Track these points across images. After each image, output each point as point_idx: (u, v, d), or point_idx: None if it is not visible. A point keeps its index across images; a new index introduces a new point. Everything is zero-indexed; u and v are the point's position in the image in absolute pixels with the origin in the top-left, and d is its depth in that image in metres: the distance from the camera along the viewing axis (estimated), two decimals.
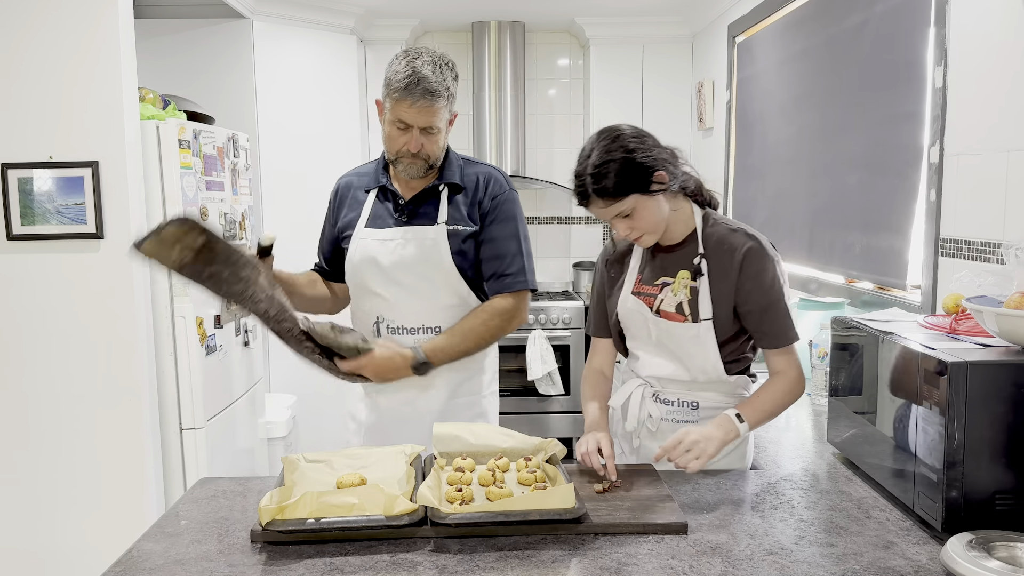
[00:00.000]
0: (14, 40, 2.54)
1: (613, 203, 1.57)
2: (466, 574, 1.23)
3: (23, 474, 2.68)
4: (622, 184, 1.54)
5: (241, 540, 1.36)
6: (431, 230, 1.90)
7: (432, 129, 1.83)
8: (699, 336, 1.63)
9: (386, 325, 1.93)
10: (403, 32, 4.55)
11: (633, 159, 1.55)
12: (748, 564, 1.27)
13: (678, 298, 1.65)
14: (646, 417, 1.72)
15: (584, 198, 1.59)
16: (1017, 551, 1.22)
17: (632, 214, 1.58)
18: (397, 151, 1.86)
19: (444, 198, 1.92)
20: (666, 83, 4.54)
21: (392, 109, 1.81)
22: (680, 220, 1.67)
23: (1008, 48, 1.88)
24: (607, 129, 1.61)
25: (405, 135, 1.83)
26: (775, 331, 1.62)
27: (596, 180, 1.55)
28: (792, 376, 1.65)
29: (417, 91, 1.77)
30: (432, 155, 1.87)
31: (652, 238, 1.65)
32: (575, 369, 4.50)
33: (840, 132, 2.80)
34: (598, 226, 5.07)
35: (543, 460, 1.60)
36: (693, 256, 1.65)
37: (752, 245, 1.61)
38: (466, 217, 1.92)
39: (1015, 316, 1.35)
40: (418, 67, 1.78)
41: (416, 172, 1.89)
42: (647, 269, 1.73)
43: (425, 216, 1.92)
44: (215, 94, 3.75)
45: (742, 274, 1.60)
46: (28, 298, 2.62)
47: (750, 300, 1.61)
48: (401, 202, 1.93)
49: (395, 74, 1.79)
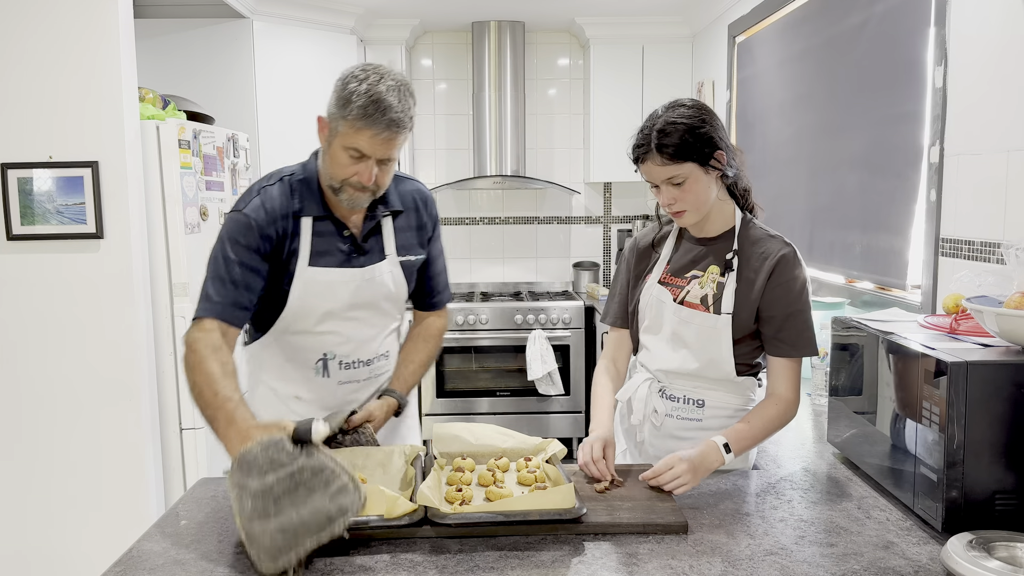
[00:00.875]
0: (14, 40, 2.54)
1: (671, 164, 1.57)
2: (466, 574, 1.23)
3: (23, 474, 2.68)
4: (685, 148, 1.56)
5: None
6: (385, 265, 1.76)
7: (389, 160, 1.63)
8: (716, 328, 1.63)
9: (337, 361, 1.77)
10: (403, 32, 4.55)
11: (703, 129, 1.57)
12: (748, 564, 1.27)
13: (704, 291, 1.66)
14: (651, 412, 1.72)
15: (644, 153, 1.59)
16: (1017, 551, 1.22)
17: (683, 184, 1.59)
18: (344, 179, 1.62)
19: (390, 226, 1.78)
20: (666, 83, 4.54)
21: (346, 134, 1.58)
22: (722, 215, 1.68)
23: (1008, 48, 1.88)
24: (683, 99, 1.63)
25: (357, 164, 1.60)
26: (793, 339, 1.62)
27: (661, 136, 1.56)
28: (788, 399, 1.62)
29: (382, 121, 1.55)
30: (382, 186, 1.67)
31: (693, 217, 1.64)
32: (575, 369, 4.50)
33: (840, 132, 2.80)
34: (598, 226, 5.07)
35: (543, 460, 1.59)
36: (726, 252, 1.66)
37: (787, 252, 1.62)
38: (414, 244, 1.83)
39: (1015, 316, 1.35)
40: (382, 93, 1.55)
41: (362, 203, 1.68)
42: (677, 261, 1.74)
43: (374, 248, 1.76)
44: (215, 94, 3.75)
45: (772, 279, 1.61)
46: (28, 298, 2.62)
47: (775, 306, 1.61)
48: (346, 233, 1.72)
49: (353, 96, 1.55)
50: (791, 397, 1.63)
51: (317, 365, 1.78)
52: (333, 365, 1.78)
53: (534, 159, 4.98)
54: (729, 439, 1.56)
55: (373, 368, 1.84)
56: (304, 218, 1.69)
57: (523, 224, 5.04)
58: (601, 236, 5.08)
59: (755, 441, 1.61)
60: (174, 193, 2.74)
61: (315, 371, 1.78)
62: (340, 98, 1.58)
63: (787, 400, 1.62)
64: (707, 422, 1.68)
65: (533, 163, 4.97)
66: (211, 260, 1.65)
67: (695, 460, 1.52)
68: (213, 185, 3.00)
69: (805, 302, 1.62)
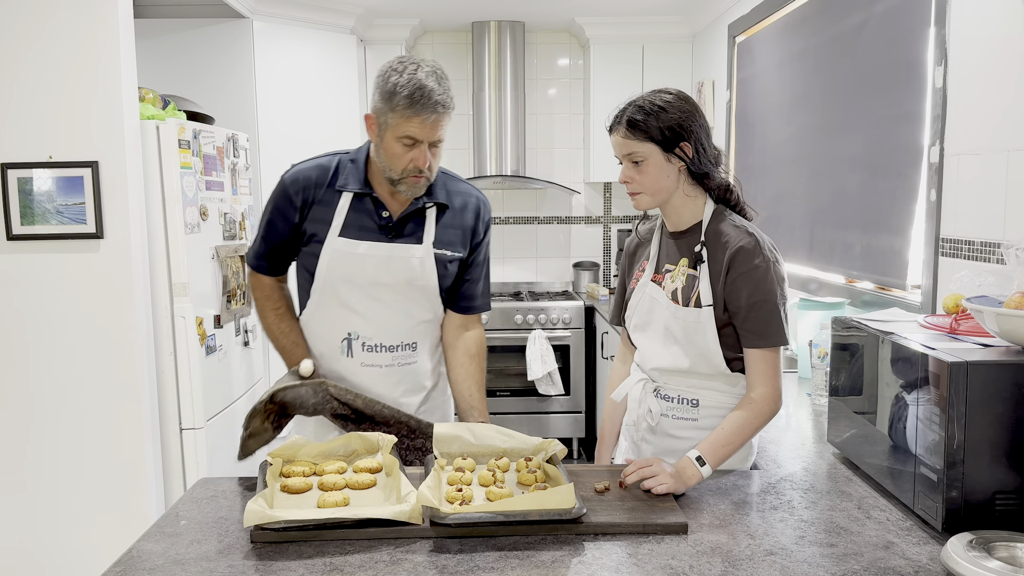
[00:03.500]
0: (14, 40, 2.54)
1: (632, 140, 1.60)
2: (466, 574, 1.23)
3: (23, 474, 2.68)
4: (651, 128, 1.58)
5: (241, 540, 1.36)
6: (418, 250, 1.82)
7: (438, 143, 1.74)
8: (700, 322, 1.63)
9: (361, 343, 1.85)
10: (403, 32, 4.55)
11: (675, 116, 1.59)
12: (748, 564, 1.27)
13: (675, 284, 1.67)
14: (646, 412, 1.72)
15: (616, 123, 1.63)
16: (1017, 551, 1.22)
17: (641, 164, 1.61)
18: (403, 169, 1.73)
19: (432, 218, 1.84)
20: (666, 83, 4.42)
21: (396, 125, 1.69)
22: (691, 209, 1.68)
23: (1008, 48, 1.88)
24: (671, 87, 1.67)
25: (412, 151, 1.71)
26: (759, 330, 1.60)
27: (635, 111, 1.60)
28: (763, 395, 1.59)
29: (428, 105, 1.66)
30: (434, 172, 1.78)
31: (647, 200, 1.66)
32: (575, 369, 4.50)
33: (840, 132, 2.80)
34: (598, 226, 5.07)
35: (543, 460, 1.59)
36: (694, 245, 1.66)
37: (745, 243, 1.60)
38: (455, 242, 1.86)
39: (1015, 316, 1.35)
40: (422, 80, 1.67)
41: (420, 191, 1.79)
42: (661, 258, 1.75)
43: (411, 234, 1.83)
44: (215, 94, 3.75)
45: (731, 270, 1.60)
46: (28, 298, 2.62)
47: (738, 296, 1.60)
48: (385, 214, 1.82)
49: (397, 88, 1.66)
50: (766, 392, 1.59)
51: (342, 344, 1.86)
52: (356, 346, 1.85)
53: (534, 159, 4.98)
54: (703, 451, 1.55)
55: (396, 356, 1.87)
56: (345, 193, 1.81)
57: (523, 224, 5.04)
58: (601, 236, 5.09)
59: (732, 446, 1.58)
60: (174, 193, 2.74)
61: (340, 350, 1.86)
62: (384, 92, 1.69)
63: (762, 397, 1.59)
64: (703, 421, 1.68)
65: (533, 163, 4.97)
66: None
67: (674, 469, 1.53)
68: (213, 185, 3.00)
69: (769, 291, 1.59)
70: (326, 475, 1.53)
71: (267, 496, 1.40)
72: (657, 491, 1.49)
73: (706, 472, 1.54)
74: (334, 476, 1.52)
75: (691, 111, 1.62)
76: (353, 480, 1.52)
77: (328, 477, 1.52)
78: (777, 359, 1.62)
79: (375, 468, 1.58)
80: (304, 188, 1.81)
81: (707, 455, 1.55)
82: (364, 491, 1.50)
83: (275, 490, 1.48)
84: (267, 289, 1.93)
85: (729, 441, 1.58)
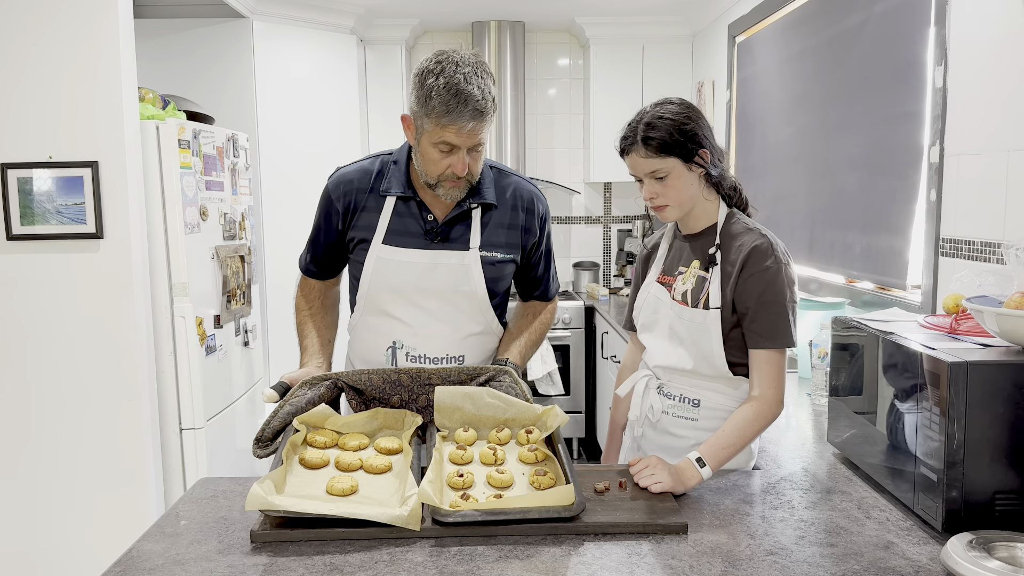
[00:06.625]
0: (14, 40, 2.54)
1: (654, 158, 1.60)
2: (466, 574, 1.23)
3: (23, 474, 2.68)
4: (670, 143, 1.58)
5: (241, 540, 1.36)
6: (465, 256, 1.74)
7: (479, 147, 1.65)
8: (706, 324, 1.63)
9: (405, 353, 1.78)
10: (403, 32, 4.55)
11: (689, 126, 1.60)
12: (748, 564, 1.27)
13: (686, 286, 1.68)
14: (648, 408, 1.74)
15: (630, 144, 1.62)
16: (1017, 551, 1.22)
17: (666, 179, 1.61)
18: (440, 175, 1.65)
19: (477, 219, 1.76)
20: (666, 83, 4.54)
21: (432, 131, 1.60)
22: (706, 211, 1.69)
23: (1008, 48, 1.88)
24: (672, 96, 1.66)
25: (449, 157, 1.63)
26: (766, 330, 1.60)
27: (648, 129, 1.59)
28: (766, 397, 1.59)
29: (465, 113, 1.56)
30: (476, 175, 1.70)
31: (674, 212, 1.66)
32: (575, 369, 4.50)
33: (840, 132, 2.80)
34: (598, 226, 5.07)
35: (542, 439, 1.60)
36: (708, 247, 1.67)
37: (759, 243, 1.61)
38: (503, 243, 1.78)
39: (1015, 316, 1.35)
40: (460, 84, 1.56)
41: (459, 195, 1.71)
42: (670, 260, 1.77)
43: (457, 238, 1.75)
44: (215, 94, 3.75)
45: (744, 270, 1.61)
46: (28, 298, 2.63)
47: (748, 296, 1.61)
48: (430, 218, 1.74)
49: (433, 92, 1.56)
50: (769, 395, 1.59)
51: (387, 353, 1.81)
52: (400, 355, 1.79)
53: (534, 159, 4.98)
54: (703, 453, 1.55)
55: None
56: (389, 197, 1.75)
57: None
58: (601, 236, 5.09)
59: (733, 448, 1.58)
60: (174, 193, 2.74)
61: (385, 359, 1.81)
62: (420, 96, 1.60)
63: (764, 399, 1.59)
64: (703, 422, 1.68)
65: (533, 163, 4.97)
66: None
67: (674, 469, 1.53)
68: (213, 185, 3.00)
69: (779, 292, 1.59)
70: (343, 453, 1.54)
71: (275, 477, 1.40)
72: (653, 489, 1.49)
73: (706, 474, 1.54)
74: (350, 456, 1.52)
75: (698, 116, 1.63)
76: (369, 463, 1.52)
77: (344, 456, 1.52)
78: (782, 362, 1.62)
79: (395, 449, 1.57)
80: (346, 193, 1.76)
81: (707, 457, 1.55)
82: (377, 476, 1.50)
83: (290, 465, 1.49)
84: (311, 291, 1.91)
85: (730, 443, 1.58)
